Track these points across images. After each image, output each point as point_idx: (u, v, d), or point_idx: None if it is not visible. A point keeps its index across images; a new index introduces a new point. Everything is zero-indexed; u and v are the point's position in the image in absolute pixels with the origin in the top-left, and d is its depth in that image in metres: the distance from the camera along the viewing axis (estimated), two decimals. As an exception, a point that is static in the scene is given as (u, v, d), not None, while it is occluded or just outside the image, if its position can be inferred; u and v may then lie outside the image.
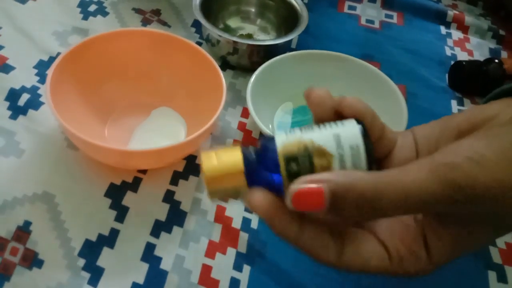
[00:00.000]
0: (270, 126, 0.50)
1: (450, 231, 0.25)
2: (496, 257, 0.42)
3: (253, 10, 0.63)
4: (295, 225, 0.23)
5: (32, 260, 0.37)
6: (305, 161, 0.23)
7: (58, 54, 0.53)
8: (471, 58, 0.64)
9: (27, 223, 0.39)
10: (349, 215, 0.22)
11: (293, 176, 0.22)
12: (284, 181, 0.23)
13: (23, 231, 0.38)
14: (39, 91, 0.49)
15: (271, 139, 0.24)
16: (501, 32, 0.68)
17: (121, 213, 0.41)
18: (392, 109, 0.49)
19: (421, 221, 0.25)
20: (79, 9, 0.60)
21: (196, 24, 0.61)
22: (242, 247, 0.40)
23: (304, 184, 0.21)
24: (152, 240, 0.40)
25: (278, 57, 0.51)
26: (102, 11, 0.60)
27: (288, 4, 0.59)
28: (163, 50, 0.49)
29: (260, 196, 0.23)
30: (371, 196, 0.21)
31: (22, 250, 0.37)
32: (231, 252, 0.40)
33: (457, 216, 0.24)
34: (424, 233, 0.25)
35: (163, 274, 0.38)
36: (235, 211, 0.42)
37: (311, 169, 0.23)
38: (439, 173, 0.21)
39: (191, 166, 0.45)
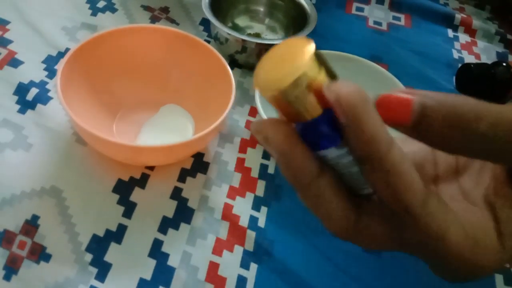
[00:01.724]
0: (278, 125, 0.50)
1: None
2: (503, 260, 0.42)
3: (262, 9, 0.63)
4: (315, 165, 0.19)
5: (40, 254, 0.37)
6: None
7: (67, 49, 0.53)
8: (478, 61, 0.64)
9: (35, 217, 0.39)
10: (435, 137, 0.19)
11: None
12: None
13: (31, 225, 0.38)
14: (47, 86, 0.49)
15: None
16: (509, 36, 0.68)
17: (129, 209, 0.41)
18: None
19: (492, 201, 0.22)
20: (88, 5, 0.60)
21: (205, 22, 0.61)
22: (249, 245, 0.40)
23: (394, 92, 0.19)
24: (160, 236, 0.40)
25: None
26: (111, 8, 0.60)
27: (297, 4, 0.59)
28: (173, 47, 0.49)
29: (283, 121, 0.19)
30: (469, 114, 0.18)
31: (30, 244, 0.37)
32: (238, 250, 0.40)
33: None
34: (496, 217, 0.22)
35: (170, 270, 0.38)
36: (243, 209, 0.42)
37: None
38: None
39: (199, 163, 0.45)
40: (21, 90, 0.48)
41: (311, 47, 0.18)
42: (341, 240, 0.22)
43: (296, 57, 0.18)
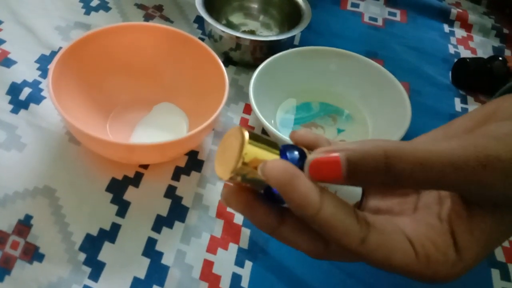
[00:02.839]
0: (273, 121, 0.50)
1: (479, 222, 0.23)
2: (500, 255, 0.42)
3: (256, 6, 0.62)
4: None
5: (33, 254, 0.37)
6: None
7: (60, 48, 0.53)
8: (474, 56, 0.64)
9: (28, 217, 0.39)
10: (367, 182, 0.21)
11: None
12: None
13: (24, 225, 0.38)
14: (40, 86, 0.49)
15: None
16: (505, 30, 0.68)
17: (123, 208, 0.41)
18: (396, 106, 0.49)
19: (448, 216, 0.24)
20: (81, 4, 0.60)
21: (199, 20, 0.61)
22: (244, 242, 0.40)
23: (321, 153, 0.21)
24: (154, 235, 0.39)
25: (281, 53, 0.51)
26: (104, 6, 0.60)
27: (291, 1, 0.58)
28: (166, 45, 0.48)
29: (238, 192, 0.24)
30: (391, 158, 0.20)
31: (23, 244, 0.37)
32: (233, 247, 0.39)
33: (488, 200, 0.22)
34: (452, 230, 0.23)
35: (165, 269, 0.37)
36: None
37: None
38: (475, 145, 0.21)
39: (193, 161, 0.45)
40: (14, 90, 0.48)
41: (245, 136, 0.22)
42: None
43: (233, 151, 0.22)
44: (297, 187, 0.21)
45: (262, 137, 0.23)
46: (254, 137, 0.22)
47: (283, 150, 0.23)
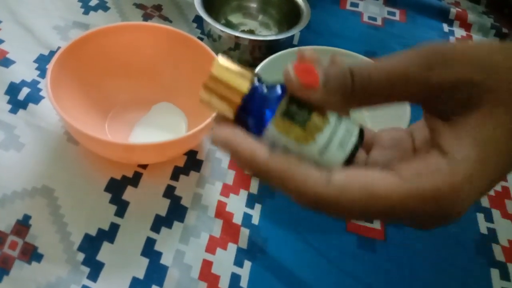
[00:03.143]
0: (272, 122, 0.50)
1: (460, 122, 0.21)
2: (499, 255, 0.42)
3: (255, 6, 0.62)
4: (264, 147, 0.21)
5: (32, 254, 0.37)
6: (305, 111, 0.22)
7: (59, 48, 0.53)
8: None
9: (27, 217, 0.39)
10: (337, 96, 0.22)
11: (285, 114, 0.22)
12: (276, 116, 0.22)
13: (22, 225, 0.38)
14: (39, 85, 0.49)
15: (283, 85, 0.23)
16: (504, 30, 0.68)
17: (121, 207, 0.41)
18: (394, 105, 0.48)
19: (425, 136, 0.23)
20: (80, 4, 0.59)
21: (198, 20, 0.61)
22: (243, 242, 0.40)
23: (295, 65, 0.22)
24: (153, 235, 0.39)
25: (280, 53, 0.51)
26: (103, 6, 0.60)
27: (290, 0, 0.58)
28: (165, 45, 0.48)
29: (228, 127, 0.23)
30: (361, 75, 0.21)
31: (22, 244, 0.37)
32: (231, 247, 0.39)
33: (454, 104, 0.21)
34: (434, 142, 0.22)
35: (164, 269, 0.37)
36: (236, 206, 0.42)
37: (305, 120, 0.22)
38: (420, 49, 0.21)
39: (192, 161, 0.45)
40: (12, 89, 0.48)
41: (217, 59, 0.23)
42: (312, 210, 0.22)
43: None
44: (241, 145, 0.21)
45: (238, 64, 0.24)
46: (227, 61, 0.23)
47: (259, 83, 0.23)
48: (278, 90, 0.23)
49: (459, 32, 0.68)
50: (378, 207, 0.20)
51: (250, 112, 0.23)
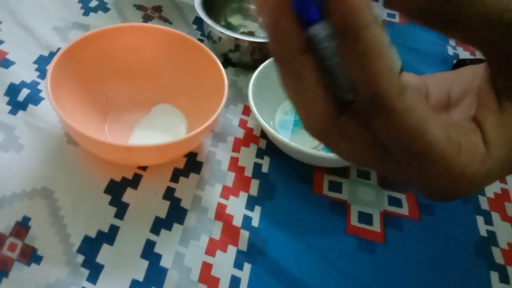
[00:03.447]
0: (272, 123, 0.50)
1: (510, 114, 0.20)
2: (499, 258, 0.42)
3: (255, 7, 0.62)
4: (302, 39, 0.18)
5: (31, 256, 0.37)
6: None
7: (59, 49, 0.53)
8: (473, 57, 0.64)
9: (26, 219, 0.39)
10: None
11: None
12: None
13: (21, 227, 0.38)
14: (39, 87, 0.49)
15: None
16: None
17: (121, 209, 0.40)
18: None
19: (479, 111, 0.21)
20: (80, 5, 0.59)
21: (198, 21, 0.61)
22: (243, 245, 0.40)
23: None
24: (152, 237, 0.39)
25: None
26: (103, 7, 0.60)
27: (291, 2, 0.58)
28: (165, 46, 0.48)
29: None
30: None
31: (21, 246, 0.37)
32: (231, 250, 0.39)
33: None
34: (481, 126, 0.21)
35: (163, 271, 0.37)
36: (236, 209, 0.42)
37: None
38: None
39: (192, 163, 0.45)
40: (12, 90, 0.47)
41: None
42: (317, 140, 0.21)
43: None
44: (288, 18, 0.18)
45: None
46: None
47: None
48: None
49: (459, 35, 0.68)
50: (419, 148, 0.19)
51: None
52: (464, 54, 0.64)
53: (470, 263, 0.41)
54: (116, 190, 0.42)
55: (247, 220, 0.41)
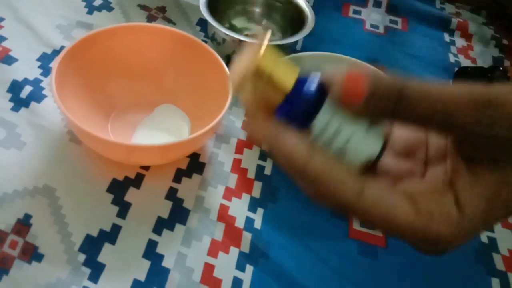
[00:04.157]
0: (275, 126, 0.50)
1: (481, 177, 0.22)
2: (499, 264, 0.42)
3: (259, 10, 0.62)
4: (305, 148, 0.21)
5: (32, 254, 0.36)
6: None
7: (62, 47, 0.53)
8: (475, 65, 0.64)
9: (27, 217, 0.38)
10: (380, 109, 0.21)
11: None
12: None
13: (23, 224, 0.38)
14: (42, 84, 0.49)
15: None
16: (504, 41, 0.68)
17: (123, 209, 0.40)
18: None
19: (450, 178, 0.23)
20: (84, 3, 0.59)
21: (202, 23, 0.61)
22: (245, 246, 0.40)
23: (346, 74, 0.21)
24: (154, 237, 0.39)
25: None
26: (107, 6, 0.60)
27: (295, 6, 0.59)
28: (170, 47, 0.48)
29: (263, 115, 0.22)
30: (404, 87, 0.20)
31: (22, 244, 0.37)
32: (234, 251, 0.39)
33: (486, 154, 0.22)
34: (454, 189, 0.22)
35: (165, 271, 0.37)
36: (239, 210, 0.42)
37: None
38: (476, 87, 0.20)
39: (195, 164, 0.45)
40: (15, 87, 0.47)
41: (265, 42, 0.21)
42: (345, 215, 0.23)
43: (248, 59, 0.21)
44: (283, 143, 0.21)
45: (282, 55, 0.22)
46: (275, 51, 0.21)
47: (303, 74, 0.22)
48: (317, 81, 0.22)
49: (460, 42, 0.68)
50: (393, 230, 0.22)
51: (295, 106, 0.22)
52: (465, 62, 0.65)
53: (470, 269, 0.41)
54: (118, 190, 0.41)
55: (249, 222, 0.41)
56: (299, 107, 0.22)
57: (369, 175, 0.23)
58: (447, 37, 0.69)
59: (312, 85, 0.22)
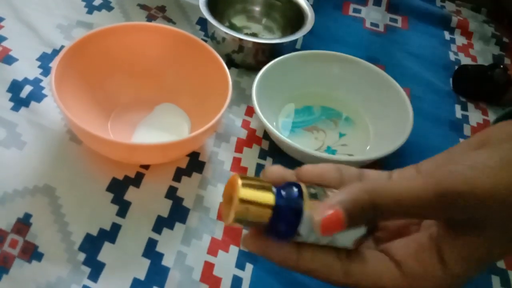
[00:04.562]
0: (274, 124, 0.50)
1: (463, 239, 0.24)
2: (500, 262, 0.42)
3: (258, 9, 0.62)
4: (293, 253, 0.25)
5: (32, 253, 0.36)
6: (322, 190, 0.26)
7: (62, 47, 0.53)
8: (475, 63, 0.64)
9: (28, 216, 0.38)
10: (361, 222, 0.24)
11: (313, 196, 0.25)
12: (305, 213, 0.24)
13: (23, 224, 0.38)
14: (42, 84, 0.49)
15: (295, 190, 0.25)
16: (505, 39, 0.68)
17: (123, 208, 0.40)
18: (397, 112, 0.49)
19: (436, 236, 0.25)
20: (83, 3, 0.59)
21: (201, 22, 0.61)
22: (245, 245, 0.40)
23: (324, 210, 0.23)
24: (154, 236, 0.39)
25: (284, 56, 0.51)
26: (107, 6, 0.60)
27: (295, 5, 0.59)
28: (170, 46, 0.48)
29: (254, 236, 0.25)
30: (374, 199, 0.23)
31: (22, 243, 0.37)
32: (233, 250, 0.39)
33: (466, 223, 0.24)
34: (438, 248, 0.25)
35: (165, 270, 0.37)
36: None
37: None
38: (437, 181, 0.23)
39: (194, 163, 0.45)
40: (15, 87, 0.47)
41: (239, 183, 0.24)
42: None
43: (231, 201, 0.24)
44: (272, 254, 0.25)
45: (256, 182, 0.25)
46: (247, 184, 0.24)
47: (278, 190, 0.25)
48: (295, 190, 0.25)
49: (460, 40, 0.68)
50: None
51: (280, 219, 0.24)
52: (465, 60, 0.65)
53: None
54: (118, 189, 0.41)
55: (249, 220, 0.41)
56: (284, 221, 0.24)
57: (357, 252, 0.26)
58: (447, 35, 0.68)
59: (291, 198, 0.25)
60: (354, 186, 0.24)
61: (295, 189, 0.25)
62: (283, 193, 0.25)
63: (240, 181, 0.24)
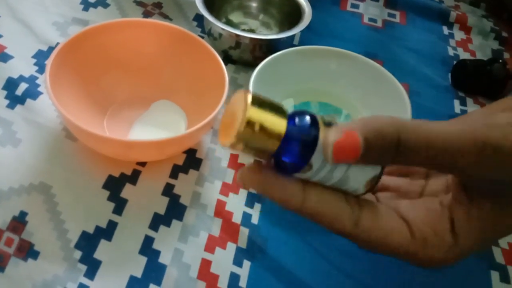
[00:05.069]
0: (272, 121, 0.49)
1: (479, 209, 0.23)
2: (499, 257, 0.42)
3: (255, 5, 0.62)
4: (299, 191, 0.22)
5: (28, 251, 0.36)
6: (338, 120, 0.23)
7: (58, 44, 0.52)
8: (474, 58, 0.64)
9: (23, 214, 0.38)
10: (379, 161, 0.22)
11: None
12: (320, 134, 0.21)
13: (18, 222, 0.38)
14: (37, 81, 0.48)
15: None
16: (504, 33, 0.68)
17: (120, 205, 0.40)
18: (395, 107, 0.48)
19: (449, 203, 0.24)
20: (79, 0, 0.59)
21: (198, 18, 0.61)
22: (242, 242, 0.39)
23: (340, 133, 0.20)
24: (151, 233, 0.39)
25: (281, 52, 0.51)
26: (103, 3, 0.59)
27: (292, 0, 0.58)
28: (166, 42, 0.48)
29: (255, 168, 0.22)
30: (402, 136, 0.20)
31: (17, 241, 0.37)
32: (231, 247, 0.39)
33: (488, 188, 0.22)
34: (451, 216, 0.23)
35: (162, 268, 0.37)
36: (236, 206, 0.42)
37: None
38: (475, 130, 0.21)
39: (191, 160, 0.45)
40: (10, 85, 0.47)
41: (248, 100, 0.20)
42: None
43: (236, 116, 0.21)
44: (274, 192, 0.22)
45: (268, 101, 0.21)
46: (259, 102, 0.20)
47: (292, 116, 0.22)
48: (309, 116, 0.22)
49: (459, 35, 0.68)
50: (390, 253, 0.24)
51: (293, 145, 0.21)
52: (464, 55, 0.64)
53: (470, 263, 0.41)
54: (114, 186, 0.41)
55: (246, 217, 0.41)
56: (296, 148, 0.21)
57: (367, 200, 0.24)
58: (446, 30, 0.68)
59: (305, 124, 0.22)
60: (381, 117, 0.21)
61: (310, 115, 0.22)
62: (296, 118, 0.22)
63: (250, 98, 0.20)
